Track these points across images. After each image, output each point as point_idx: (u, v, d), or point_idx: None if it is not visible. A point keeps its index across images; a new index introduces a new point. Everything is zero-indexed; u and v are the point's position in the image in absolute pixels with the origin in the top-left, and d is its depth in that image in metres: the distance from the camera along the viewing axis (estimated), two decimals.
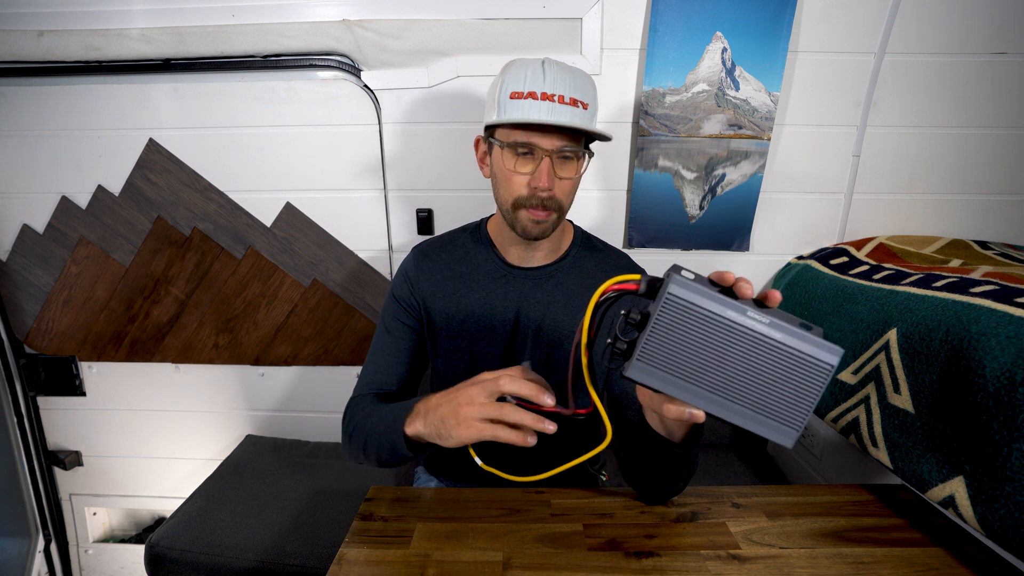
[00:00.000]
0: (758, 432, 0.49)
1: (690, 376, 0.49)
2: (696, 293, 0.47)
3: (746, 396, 0.48)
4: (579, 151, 0.80)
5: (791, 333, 0.47)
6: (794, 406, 0.48)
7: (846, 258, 1.28)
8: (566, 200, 0.83)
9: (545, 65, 0.78)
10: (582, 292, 0.90)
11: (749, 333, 0.47)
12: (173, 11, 1.24)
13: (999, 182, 1.34)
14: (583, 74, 0.81)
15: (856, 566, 0.67)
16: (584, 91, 0.79)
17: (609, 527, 0.75)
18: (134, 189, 1.43)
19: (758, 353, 0.47)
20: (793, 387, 0.47)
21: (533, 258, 0.91)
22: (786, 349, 0.47)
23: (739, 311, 0.47)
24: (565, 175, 0.80)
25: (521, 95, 0.76)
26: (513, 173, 0.80)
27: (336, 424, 1.61)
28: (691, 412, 0.50)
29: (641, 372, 0.49)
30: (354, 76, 1.32)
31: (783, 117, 1.30)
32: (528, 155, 0.79)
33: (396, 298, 0.93)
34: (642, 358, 0.49)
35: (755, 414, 0.48)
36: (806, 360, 0.47)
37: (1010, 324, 0.75)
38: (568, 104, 0.76)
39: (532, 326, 0.89)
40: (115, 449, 1.69)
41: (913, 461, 0.86)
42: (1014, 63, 1.24)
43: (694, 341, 0.48)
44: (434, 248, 0.95)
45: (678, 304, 0.47)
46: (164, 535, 1.20)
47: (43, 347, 1.57)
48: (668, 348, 0.48)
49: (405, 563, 0.68)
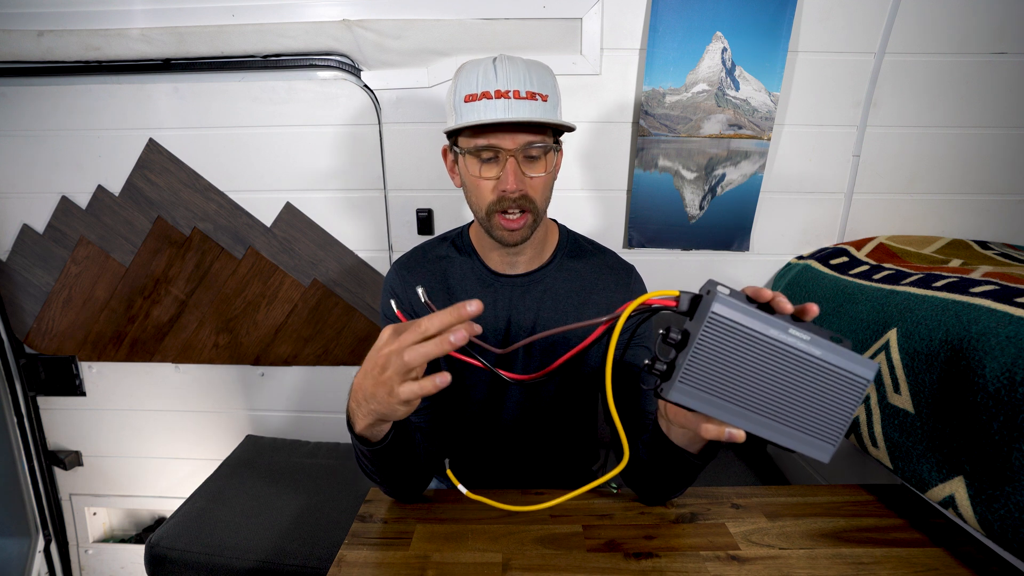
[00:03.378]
0: (795, 448, 0.49)
1: (731, 396, 0.48)
2: (739, 312, 0.46)
3: (785, 413, 0.48)
4: (546, 146, 0.76)
5: (830, 349, 0.47)
6: (831, 421, 0.48)
7: (846, 258, 1.28)
8: (540, 199, 0.79)
9: (497, 63, 0.74)
10: (571, 296, 0.88)
11: (791, 351, 0.46)
12: (173, 11, 1.24)
13: (999, 182, 1.34)
14: (540, 65, 0.77)
15: (856, 566, 0.67)
16: (542, 82, 0.75)
17: (608, 528, 0.75)
18: (134, 189, 1.43)
19: (799, 370, 0.47)
20: (830, 402, 0.47)
21: (517, 264, 0.88)
22: (826, 366, 0.47)
23: (781, 329, 0.46)
24: (534, 173, 0.77)
25: (475, 97, 0.73)
26: (479, 179, 0.77)
27: (336, 424, 1.62)
28: (731, 432, 0.49)
29: (683, 394, 0.48)
30: (354, 76, 1.32)
31: (783, 117, 1.30)
32: (492, 159, 0.76)
33: (390, 318, 0.88)
34: (685, 380, 0.47)
35: (793, 431, 0.48)
36: (844, 375, 0.47)
37: (1010, 324, 0.75)
38: (525, 98, 0.73)
39: (523, 334, 0.87)
40: (115, 449, 1.69)
41: (913, 461, 0.86)
42: (1014, 63, 1.24)
43: (737, 360, 0.47)
44: (416, 260, 0.92)
45: (722, 323, 0.46)
46: (164, 535, 1.20)
47: (43, 347, 1.57)
48: (711, 368, 0.47)
49: (405, 564, 0.68)
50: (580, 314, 0.87)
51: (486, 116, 0.72)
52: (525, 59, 0.77)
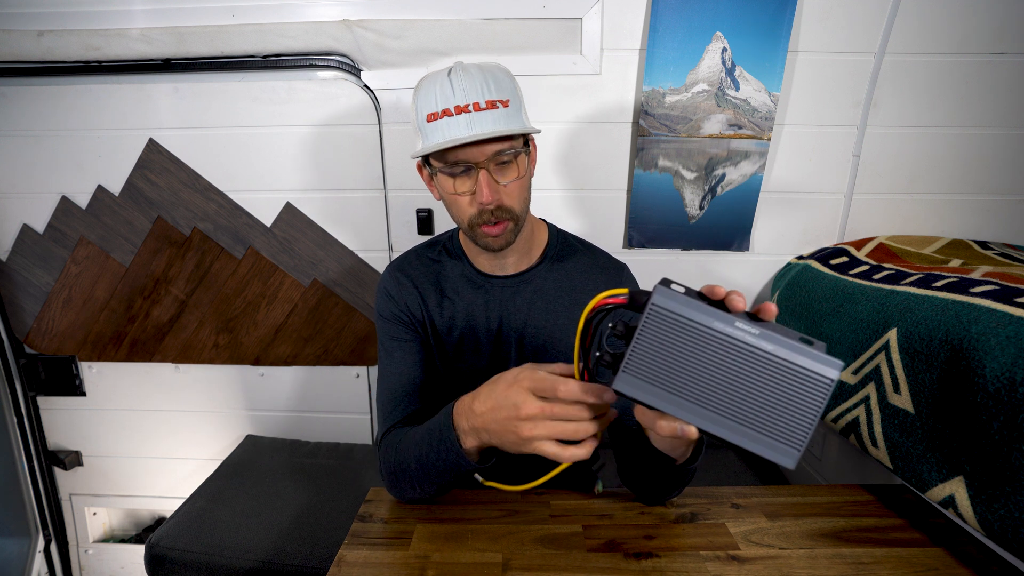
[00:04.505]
0: (757, 451, 0.46)
1: (680, 390, 0.47)
2: (681, 304, 0.46)
3: (741, 412, 0.46)
4: (515, 150, 0.76)
5: (784, 345, 0.45)
6: (793, 424, 0.45)
7: (846, 258, 1.28)
8: (517, 204, 0.79)
9: (452, 75, 0.74)
10: (561, 296, 0.88)
11: (738, 344, 0.45)
12: (173, 11, 1.24)
13: (999, 182, 1.34)
14: (496, 68, 0.76)
15: (856, 566, 0.67)
16: (500, 88, 0.74)
17: (608, 528, 0.75)
18: (134, 189, 1.43)
19: (750, 366, 0.45)
20: (790, 403, 0.45)
21: (506, 265, 0.88)
22: (779, 361, 0.45)
23: (726, 322, 0.45)
24: (507, 180, 0.76)
25: (436, 116, 0.72)
26: (456, 196, 0.77)
27: (336, 424, 1.63)
28: (683, 428, 0.48)
29: (628, 385, 0.48)
30: (354, 76, 1.32)
31: (783, 117, 1.30)
32: (465, 173, 0.76)
33: (386, 318, 0.89)
34: (628, 370, 0.47)
35: (752, 431, 0.46)
36: (801, 374, 0.44)
37: (1010, 324, 0.75)
38: (486, 108, 0.72)
39: (515, 334, 0.87)
40: (115, 449, 1.69)
41: (913, 461, 0.86)
42: (1014, 63, 1.24)
43: (682, 353, 0.46)
44: (409, 263, 0.92)
45: (662, 315, 0.46)
46: (164, 535, 1.20)
47: (43, 347, 1.57)
48: (655, 360, 0.47)
49: (405, 564, 0.68)
50: (571, 314, 0.87)
51: (449, 135, 0.72)
52: (480, 65, 0.76)
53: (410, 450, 0.73)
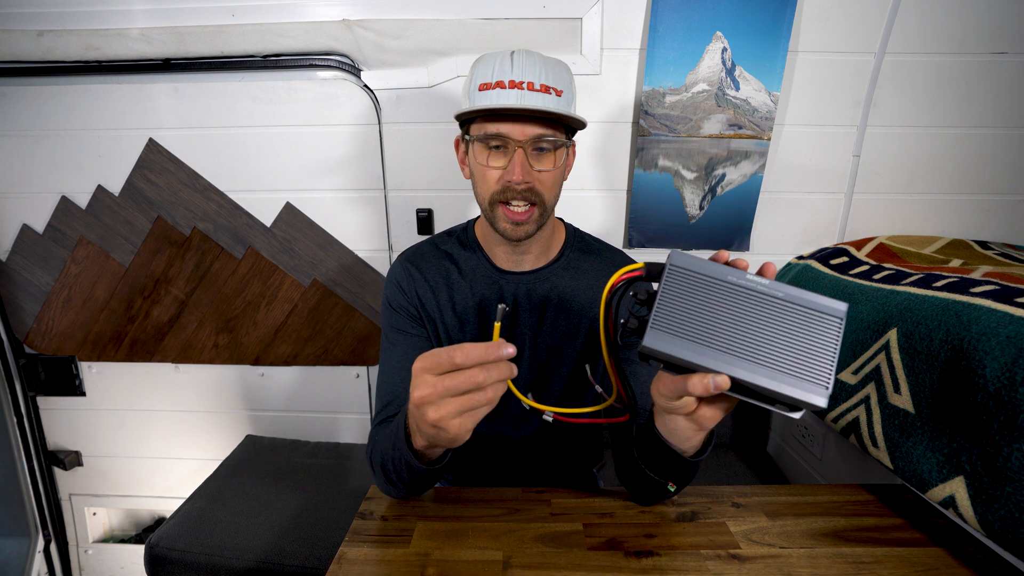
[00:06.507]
0: (787, 393, 0.48)
1: (706, 338, 0.50)
2: (696, 262, 0.51)
3: (766, 355, 0.49)
4: (556, 141, 0.75)
5: (795, 291, 0.50)
6: (816, 361, 0.48)
7: (846, 258, 1.28)
8: (548, 193, 0.78)
9: (514, 55, 0.75)
10: (578, 294, 0.88)
11: (753, 292, 0.50)
12: (173, 11, 1.24)
13: (999, 182, 1.34)
14: (557, 61, 0.77)
15: (856, 566, 0.67)
16: (558, 78, 0.75)
17: (609, 526, 0.75)
18: (134, 189, 1.43)
19: (767, 311, 0.49)
20: (809, 341, 0.49)
21: (523, 261, 0.87)
22: (793, 305, 0.49)
23: (739, 276, 0.50)
24: (542, 167, 0.76)
25: (489, 86, 0.73)
26: (486, 168, 0.76)
27: (336, 424, 1.63)
28: (715, 381, 0.48)
29: (658, 340, 0.50)
30: (354, 76, 1.32)
31: (783, 117, 1.30)
32: (501, 148, 0.76)
33: (394, 308, 0.87)
34: (656, 325, 0.50)
35: (780, 372, 0.48)
36: (814, 312, 0.49)
37: (1010, 324, 0.75)
38: (539, 91, 0.73)
39: (529, 332, 0.87)
40: (115, 449, 1.69)
41: (913, 461, 0.86)
42: (1014, 63, 1.24)
43: (703, 305, 0.50)
44: (421, 254, 0.90)
45: (681, 272, 0.50)
46: (164, 535, 1.20)
47: (43, 347, 1.57)
48: (679, 314, 0.50)
49: (405, 562, 0.68)
50: (585, 313, 0.87)
51: (498, 102, 0.73)
52: (544, 55, 0.77)
53: (384, 447, 0.72)
